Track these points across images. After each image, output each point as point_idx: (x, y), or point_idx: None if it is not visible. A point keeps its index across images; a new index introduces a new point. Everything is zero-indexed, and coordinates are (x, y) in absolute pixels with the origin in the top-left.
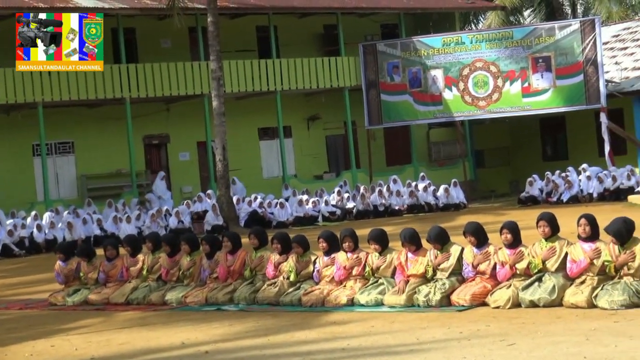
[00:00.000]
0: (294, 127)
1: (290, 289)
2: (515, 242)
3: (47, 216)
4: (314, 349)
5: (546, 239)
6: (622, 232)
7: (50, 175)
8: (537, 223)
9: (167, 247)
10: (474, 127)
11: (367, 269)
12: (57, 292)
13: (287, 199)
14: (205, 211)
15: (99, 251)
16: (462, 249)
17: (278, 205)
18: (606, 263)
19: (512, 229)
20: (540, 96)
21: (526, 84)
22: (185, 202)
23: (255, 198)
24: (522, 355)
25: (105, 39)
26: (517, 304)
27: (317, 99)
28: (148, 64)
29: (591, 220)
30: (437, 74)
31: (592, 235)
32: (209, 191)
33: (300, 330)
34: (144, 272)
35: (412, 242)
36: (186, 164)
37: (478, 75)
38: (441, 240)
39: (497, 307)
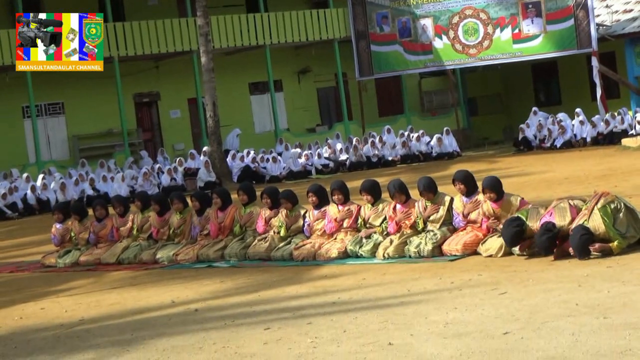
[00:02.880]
0: (284, 80)
1: (281, 244)
2: (498, 196)
3: (39, 178)
4: (304, 303)
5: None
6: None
7: (41, 136)
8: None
9: (157, 205)
10: (466, 75)
11: (360, 220)
12: (49, 254)
13: (280, 154)
14: (198, 168)
15: (91, 212)
16: (452, 199)
17: (271, 160)
18: None
19: (493, 186)
20: (531, 42)
21: (516, 31)
22: (178, 159)
23: (248, 153)
24: (514, 304)
25: None
26: (508, 252)
27: (307, 51)
28: (135, 22)
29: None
30: (427, 23)
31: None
32: (205, 148)
33: (291, 285)
34: (134, 232)
35: (402, 192)
36: (177, 121)
37: (468, 23)
38: (432, 189)
39: (489, 256)
